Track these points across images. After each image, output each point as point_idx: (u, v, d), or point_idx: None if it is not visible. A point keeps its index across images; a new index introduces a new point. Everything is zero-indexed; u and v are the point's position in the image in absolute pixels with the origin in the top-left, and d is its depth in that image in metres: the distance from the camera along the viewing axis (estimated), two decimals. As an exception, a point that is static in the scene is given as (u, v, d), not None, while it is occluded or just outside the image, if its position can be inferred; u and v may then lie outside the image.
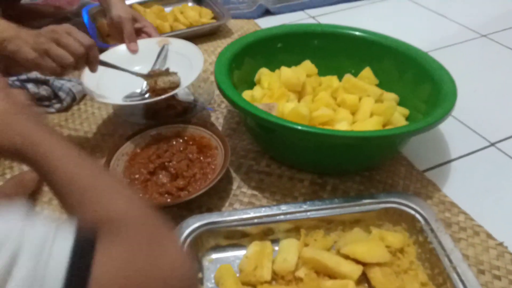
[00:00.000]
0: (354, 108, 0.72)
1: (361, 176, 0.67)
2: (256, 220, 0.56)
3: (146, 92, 0.72)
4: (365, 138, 0.58)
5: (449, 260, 0.49)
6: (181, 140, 0.69)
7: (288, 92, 0.73)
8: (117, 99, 0.70)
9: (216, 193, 0.64)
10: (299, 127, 0.58)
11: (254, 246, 0.55)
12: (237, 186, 0.66)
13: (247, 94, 0.75)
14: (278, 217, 0.56)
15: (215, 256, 0.55)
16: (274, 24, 1.13)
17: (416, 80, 0.71)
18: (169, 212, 0.61)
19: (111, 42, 0.99)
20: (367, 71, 0.78)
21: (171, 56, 0.78)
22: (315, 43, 0.81)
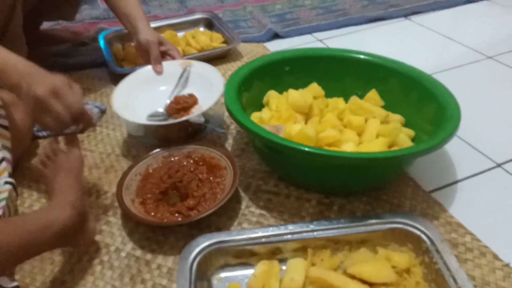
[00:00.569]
0: (360, 130, 0.73)
1: (368, 196, 0.68)
2: (264, 240, 0.57)
3: (168, 111, 0.78)
4: (371, 159, 0.60)
5: (454, 281, 0.49)
6: (191, 161, 0.71)
7: (295, 114, 0.75)
8: (142, 118, 0.76)
9: (225, 212, 0.66)
10: (305, 149, 0.60)
11: (262, 265, 0.56)
12: (246, 205, 0.68)
13: (255, 116, 0.77)
14: (286, 237, 0.57)
15: (224, 274, 0.57)
16: (283, 47, 1.16)
17: (421, 102, 0.73)
18: (180, 231, 0.63)
19: (126, 66, 1.04)
20: (373, 93, 0.80)
21: (193, 77, 0.84)
22: (322, 66, 0.84)
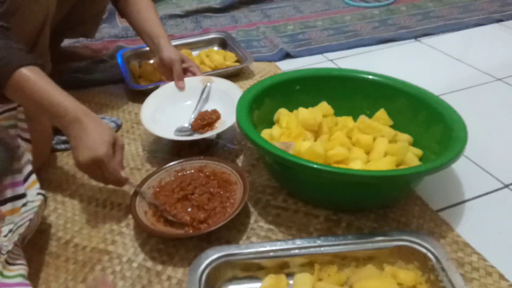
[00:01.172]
0: (368, 148, 0.75)
1: (376, 214, 0.69)
2: (272, 254, 0.58)
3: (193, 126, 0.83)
4: (378, 177, 0.61)
5: (460, 299, 0.50)
6: (203, 175, 0.73)
7: (305, 132, 0.77)
8: (170, 133, 0.80)
9: (234, 226, 0.67)
10: (314, 165, 0.62)
11: (269, 279, 0.57)
12: (255, 220, 0.69)
13: (266, 133, 0.79)
14: (293, 251, 0.58)
15: (232, 287, 0.58)
16: (294, 66, 1.19)
17: (429, 122, 0.74)
18: (190, 243, 0.65)
19: (142, 83, 1.08)
20: (382, 112, 0.81)
21: (213, 93, 0.88)
22: (332, 86, 0.86)
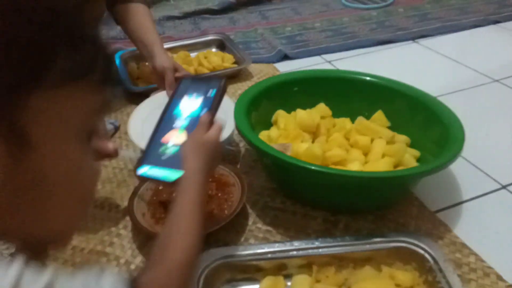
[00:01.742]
0: (366, 149, 0.75)
1: (374, 215, 0.69)
2: (269, 255, 0.58)
3: None
4: (375, 179, 0.62)
5: (457, 300, 0.50)
6: (201, 177, 0.73)
7: (303, 133, 0.77)
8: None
9: (232, 228, 0.67)
10: (312, 167, 0.62)
11: (267, 281, 0.57)
12: (253, 221, 0.69)
13: (264, 134, 0.79)
14: (291, 253, 0.58)
15: (230, 289, 0.58)
16: (292, 67, 1.20)
17: (426, 123, 0.74)
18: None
19: (141, 85, 1.08)
20: (379, 114, 0.82)
21: None
22: (329, 87, 0.86)
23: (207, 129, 0.52)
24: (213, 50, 1.26)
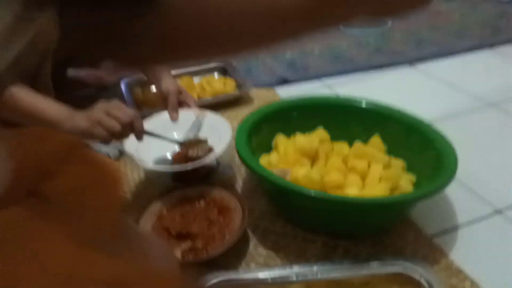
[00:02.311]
0: (363, 174, 0.77)
1: (372, 240, 0.71)
2: (269, 280, 0.60)
3: (174, 158, 0.82)
4: (373, 204, 0.64)
5: (452, 325, 0.51)
6: (203, 202, 0.75)
7: (301, 158, 0.79)
8: (150, 163, 0.80)
9: (233, 252, 0.69)
10: (311, 193, 0.64)
11: (267, 305, 0.59)
12: (254, 246, 0.71)
13: (264, 159, 0.82)
14: (290, 278, 0.60)
15: (231, 313, 0.59)
16: (292, 91, 1.23)
17: (420, 148, 0.77)
18: (190, 269, 0.66)
19: (146, 110, 1.11)
20: (376, 138, 0.84)
21: (205, 126, 0.89)
22: (328, 113, 0.89)
23: None
24: (216, 75, 1.30)
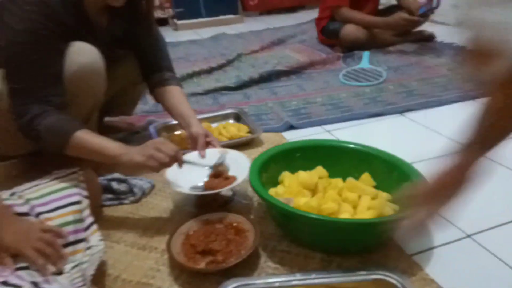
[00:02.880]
0: (355, 204, 0.93)
1: (361, 257, 0.86)
2: (277, 284, 0.75)
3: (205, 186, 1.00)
4: (359, 224, 0.80)
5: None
6: (223, 225, 0.92)
7: (303, 190, 0.96)
8: (186, 189, 0.98)
9: (247, 266, 0.84)
10: (311, 215, 0.81)
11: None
12: (264, 261, 0.86)
13: (272, 191, 0.99)
14: (294, 282, 0.75)
15: (246, 311, 0.74)
16: (297, 136, 1.42)
17: (400, 182, 0.93)
18: (212, 278, 0.81)
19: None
20: (366, 175, 1.01)
21: (227, 161, 1.06)
22: (325, 153, 1.07)
23: None
24: (231, 121, 1.50)
